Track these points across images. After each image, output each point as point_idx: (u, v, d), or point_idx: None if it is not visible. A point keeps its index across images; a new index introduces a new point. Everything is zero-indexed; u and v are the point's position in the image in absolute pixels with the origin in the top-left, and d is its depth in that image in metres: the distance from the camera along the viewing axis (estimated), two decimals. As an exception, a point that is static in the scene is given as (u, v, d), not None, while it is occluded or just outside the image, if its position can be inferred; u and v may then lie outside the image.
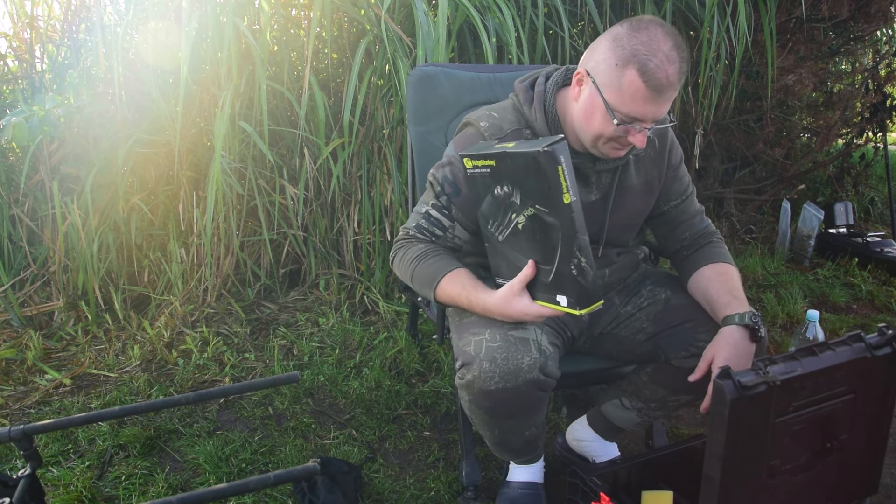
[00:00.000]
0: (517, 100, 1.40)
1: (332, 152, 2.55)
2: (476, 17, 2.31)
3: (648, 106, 1.21)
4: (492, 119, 1.37)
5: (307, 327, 2.51)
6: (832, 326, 2.62)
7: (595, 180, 1.40)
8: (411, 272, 1.35)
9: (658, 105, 1.21)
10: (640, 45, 1.18)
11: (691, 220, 1.51)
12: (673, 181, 1.49)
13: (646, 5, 2.73)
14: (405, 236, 1.41)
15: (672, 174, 1.48)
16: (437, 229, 1.39)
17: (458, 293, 1.29)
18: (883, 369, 1.16)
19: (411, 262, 1.36)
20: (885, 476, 1.73)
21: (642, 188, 1.45)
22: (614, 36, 1.23)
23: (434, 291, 1.31)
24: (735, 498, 1.07)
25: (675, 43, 1.20)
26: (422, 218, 1.40)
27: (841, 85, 3.71)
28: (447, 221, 1.38)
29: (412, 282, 1.37)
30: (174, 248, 2.59)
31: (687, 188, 1.51)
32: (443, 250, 1.38)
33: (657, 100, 1.20)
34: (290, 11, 2.75)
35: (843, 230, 3.47)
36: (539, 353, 1.26)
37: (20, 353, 2.30)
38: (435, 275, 1.31)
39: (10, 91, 2.86)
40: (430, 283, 1.32)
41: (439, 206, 1.38)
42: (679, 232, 1.51)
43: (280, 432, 1.91)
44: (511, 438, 1.43)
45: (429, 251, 1.36)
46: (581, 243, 1.11)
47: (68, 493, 1.63)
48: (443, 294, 1.31)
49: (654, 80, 1.18)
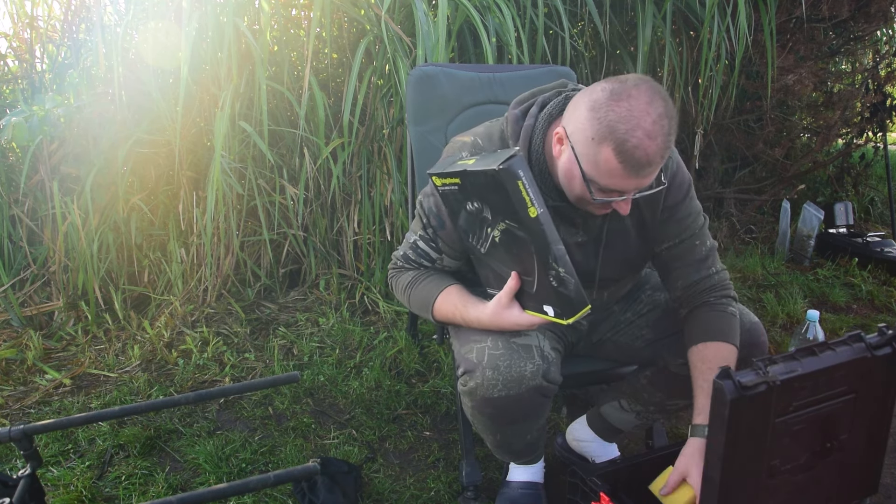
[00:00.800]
0: (507, 130, 1.30)
1: (332, 152, 2.55)
2: (476, 17, 2.31)
3: (629, 181, 1.12)
4: (476, 147, 1.31)
5: (307, 327, 2.51)
6: (832, 326, 2.62)
7: (581, 223, 1.33)
8: (407, 299, 1.39)
9: (639, 179, 1.12)
10: (619, 121, 1.07)
11: (685, 269, 1.35)
12: (667, 222, 1.34)
13: (646, 6, 2.73)
14: (394, 266, 1.45)
15: (666, 215, 1.34)
16: (424, 260, 1.40)
17: (451, 313, 1.31)
18: (883, 369, 1.16)
19: (405, 289, 1.39)
20: (885, 476, 1.73)
21: (636, 231, 1.36)
22: (593, 103, 1.10)
23: (432, 315, 1.35)
24: (735, 498, 1.07)
25: (661, 112, 1.08)
26: (409, 248, 1.41)
27: (841, 85, 3.71)
28: (434, 254, 1.39)
29: (411, 308, 1.41)
30: (174, 248, 2.59)
31: (684, 231, 1.35)
32: (433, 271, 1.40)
33: (637, 175, 1.11)
34: (290, 11, 2.75)
35: (843, 230, 3.48)
36: (542, 359, 1.26)
37: (20, 353, 2.30)
38: (428, 299, 1.34)
39: (10, 91, 2.86)
40: (425, 307, 1.35)
41: (426, 238, 1.37)
42: (673, 278, 1.38)
43: (280, 432, 1.91)
44: (512, 442, 1.43)
45: (418, 276, 1.39)
46: (556, 254, 1.08)
47: (68, 493, 1.63)
48: (440, 315, 1.34)
49: (632, 161, 1.08)
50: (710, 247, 1.38)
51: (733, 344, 1.29)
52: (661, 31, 2.89)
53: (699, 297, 1.35)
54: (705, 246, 1.37)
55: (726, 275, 1.39)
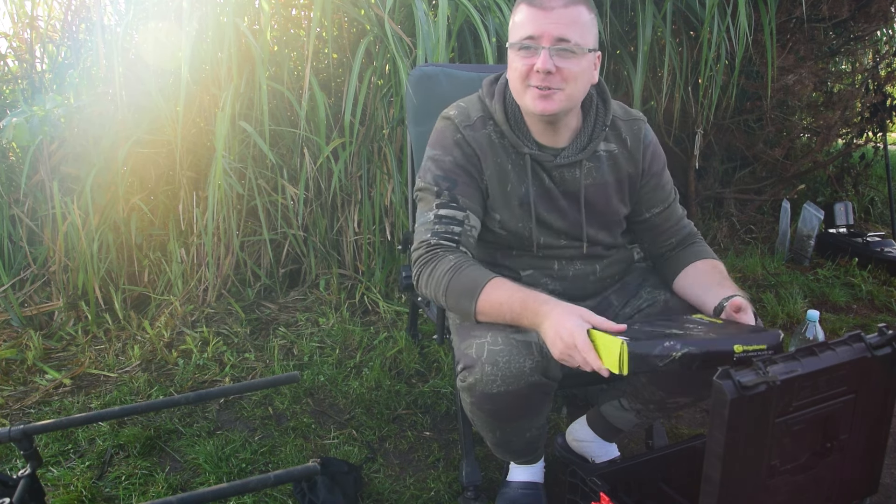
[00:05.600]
0: (482, 92, 1.44)
1: (333, 152, 2.55)
2: (476, 17, 2.31)
3: (537, 23, 1.26)
4: (460, 108, 1.42)
5: (307, 327, 2.51)
6: (832, 326, 2.62)
7: (558, 175, 1.41)
8: (445, 286, 1.28)
9: (548, 20, 1.25)
10: None
11: (675, 227, 1.52)
12: (655, 189, 1.49)
13: (646, 6, 2.73)
14: (427, 249, 1.33)
15: (654, 182, 1.48)
16: (453, 226, 1.34)
17: (508, 296, 1.22)
18: (883, 369, 1.16)
19: (445, 273, 1.28)
20: (885, 476, 1.73)
21: (616, 186, 1.45)
22: None
23: (475, 301, 1.24)
24: (735, 498, 1.07)
25: None
26: (433, 224, 1.34)
27: (841, 85, 3.70)
28: (460, 213, 1.35)
29: (446, 294, 1.28)
30: (174, 248, 2.59)
31: (669, 195, 1.51)
32: (474, 260, 1.32)
33: (545, 16, 1.25)
34: (290, 11, 2.76)
35: (843, 230, 3.47)
36: (541, 355, 1.26)
37: (20, 353, 2.30)
38: (476, 283, 1.25)
39: (10, 91, 2.86)
40: (471, 292, 1.25)
41: (444, 203, 1.36)
42: (664, 238, 1.52)
43: (280, 432, 1.91)
44: (512, 440, 1.43)
45: (462, 262, 1.29)
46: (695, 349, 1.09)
47: (68, 493, 1.63)
48: (487, 301, 1.24)
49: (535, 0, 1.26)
50: (680, 203, 1.58)
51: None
52: (661, 31, 2.89)
53: (688, 240, 1.52)
54: (678, 204, 1.55)
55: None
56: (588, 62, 1.31)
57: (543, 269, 1.47)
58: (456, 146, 1.38)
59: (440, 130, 1.42)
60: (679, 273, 1.46)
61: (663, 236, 1.52)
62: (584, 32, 1.28)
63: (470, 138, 1.38)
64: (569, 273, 1.48)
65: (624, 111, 1.47)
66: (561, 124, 1.38)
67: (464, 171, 1.37)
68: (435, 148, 1.40)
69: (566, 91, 1.29)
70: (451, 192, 1.36)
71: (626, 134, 1.44)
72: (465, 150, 1.38)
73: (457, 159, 1.37)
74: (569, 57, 1.27)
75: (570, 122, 1.39)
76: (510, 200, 1.40)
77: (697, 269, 1.43)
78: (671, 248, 1.52)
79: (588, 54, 1.30)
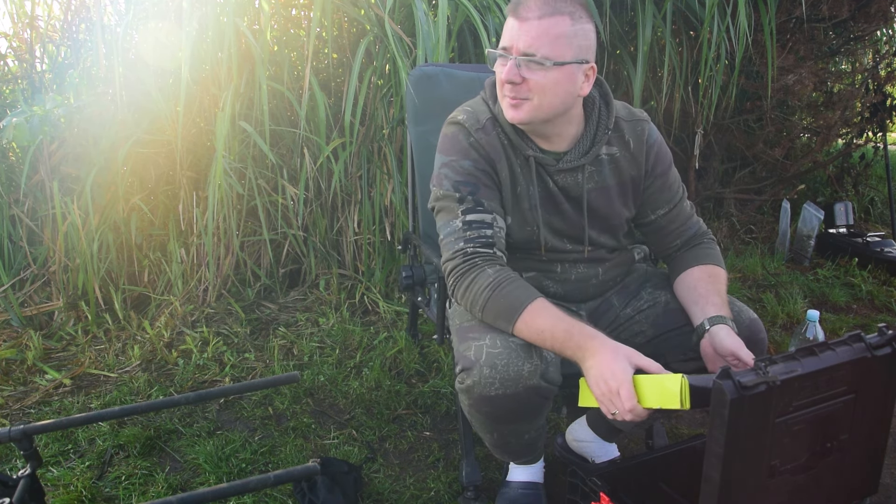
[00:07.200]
0: (486, 94, 1.43)
1: (333, 152, 2.55)
2: (476, 17, 2.31)
3: (511, 33, 1.26)
4: (468, 112, 1.40)
5: (307, 327, 2.51)
6: (832, 326, 2.62)
7: (560, 179, 1.40)
8: (485, 301, 1.26)
9: (520, 32, 1.24)
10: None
11: (682, 227, 1.50)
12: (661, 190, 1.47)
13: (646, 6, 2.73)
14: (464, 259, 1.30)
15: (659, 183, 1.46)
16: (484, 229, 1.32)
17: (551, 325, 1.20)
18: (883, 369, 1.16)
19: (486, 289, 1.25)
20: (885, 476, 1.73)
21: (618, 189, 1.44)
22: None
23: (515, 322, 1.23)
24: (735, 498, 1.07)
25: None
26: (463, 231, 1.32)
27: (841, 85, 3.70)
28: (488, 216, 1.34)
29: (483, 311, 1.27)
30: (174, 248, 2.59)
31: (675, 195, 1.49)
32: (514, 275, 1.29)
33: (516, 15, 1.24)
34: (290, 11, 2.75)
35: (843, 230, 3.47)
36: (540, 359, 1.25)
37: (20, 353, 2.30)
38: (519, 303, 1.23)
39: (10, 91, 2.86)
40: (512, 311, 1.23)
41: (470, 208, 1.33)
42: (670, 239, 1.50)
43: (280, 432, 1.91)
44: (510, 441, 1.43)
45: (501, 278, 1.26)
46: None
47: (68, 493, 1.62)
48: (530, 323, 1.22)
49: (513, 4, 1.25)
50: (689, 201, 1.54)
51: (725, 273, 1.45)
52: (661, 31, 2.89)
53: (695, 241, 1.50)
54: (686, 202, 1.52)
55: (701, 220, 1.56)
56: (562, 74, 1.25)
57: (546, 272, 1.47)
58: (472, 149, 1.36)
59: (451, 136, 1.39)
60: (677, 277, 1.45)
61: (669, 238, 1.50)
62: (556, 45, 1.23)
63: (483, 141, 1.36)
64: (571, 276, 1.48)
65: (628, 112, 1.45)
66: (551, 133, 1.37)
67: (483, 173, 1.36)
68: (449, 154, 1.38)
69: (534, 102, 1.27)
70: (474, 197, 1.34)
71: (630, 136, 1.43)
72: (480, 153, 1.36)
73: (476, 162, 1.36)
74: (535, 69, 1.24)
75: (564, 130, 1.37)
76: (520, 202, 1.40)
77: (692, 277, 1.42)
78: (676, 249, 1.50)
79: (563, 67, 1.24)
